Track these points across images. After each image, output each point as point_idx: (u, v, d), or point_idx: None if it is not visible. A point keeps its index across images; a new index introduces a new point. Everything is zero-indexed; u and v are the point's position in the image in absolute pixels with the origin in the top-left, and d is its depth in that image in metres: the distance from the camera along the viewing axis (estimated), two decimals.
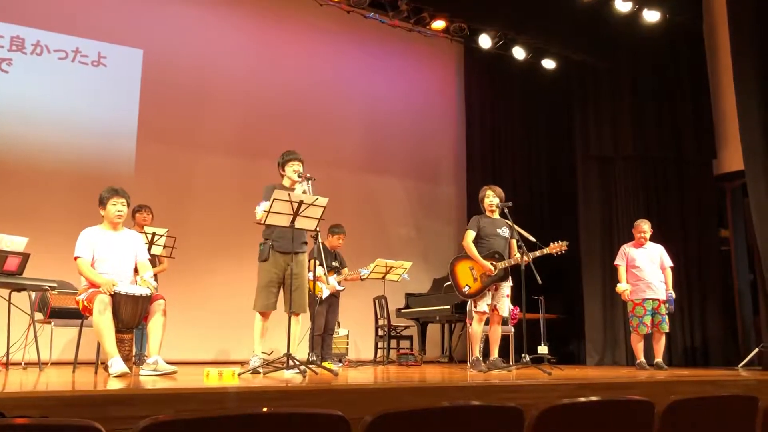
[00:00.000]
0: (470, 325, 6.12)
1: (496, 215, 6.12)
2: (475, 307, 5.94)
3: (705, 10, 8.91)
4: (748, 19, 7.51)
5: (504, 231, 6.04)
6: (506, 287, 5.98)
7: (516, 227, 6.05)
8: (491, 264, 5.85)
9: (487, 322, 6.05)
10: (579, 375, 5.48)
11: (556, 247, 5.94)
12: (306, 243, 5.31)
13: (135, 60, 8.13)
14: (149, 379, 4.06)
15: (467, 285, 5.92)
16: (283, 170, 5.33)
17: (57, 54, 7.74)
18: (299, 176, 5.19)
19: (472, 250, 5.94)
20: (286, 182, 5.30)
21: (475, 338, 6.00)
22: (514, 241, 6.05)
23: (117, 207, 4.73)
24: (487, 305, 5.89)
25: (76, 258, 4.63)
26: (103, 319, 4.32)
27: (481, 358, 5.92)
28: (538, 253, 5.90)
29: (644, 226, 6.95)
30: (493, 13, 8.44)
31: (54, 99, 7.65)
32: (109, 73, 7.98)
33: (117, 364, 4.23)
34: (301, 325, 5.36)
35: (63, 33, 7.77)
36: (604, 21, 8.46)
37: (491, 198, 6.10)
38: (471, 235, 6.00)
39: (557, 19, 8.56)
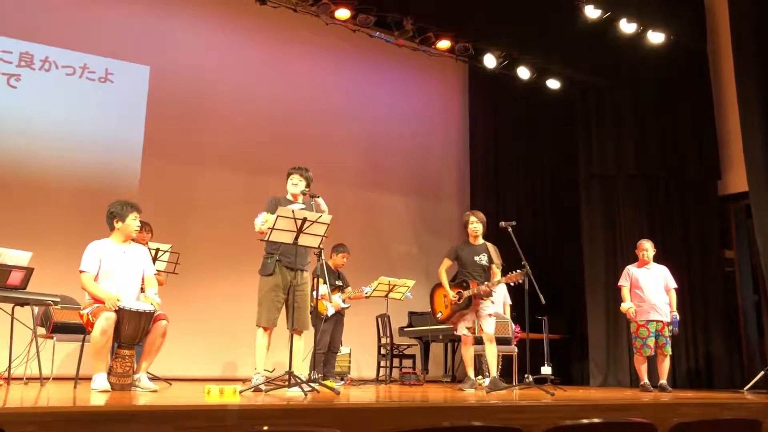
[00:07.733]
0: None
1: (480, 240, 6.21)
2: (456, 331, 6.19)
3: (709, 32, 8.94)
4: (751, 43, 7.56)
5: (482, 258, 6.12)
6: (487, 307, 6.04)
7: (493, 254, 6.10)
8: (458, 292, 6.04)
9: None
10: (582, 396, 5.44)
11: (513, 278, 5.86)
12: (309, 262, 5.31)
13: (142, 76, 8.19)
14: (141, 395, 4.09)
15: (440, 311, 6.29)
16: (286, 182, 5.39)
17: (65, 70, 7.81)
18: (303, 194, 5.23)
19: (442, 278, 6.20)
20: (289, 195, 5.33)
21: (465, 360, 6.22)
22: (494, 266, 6.08)
23: (136, 222, 4.83)
24: (467, 328, 6.08)
25: (81, 271, 4.63)
26: (103, 339, 4.33)
27: (472, 378, 6.10)
28: (496, 281, 5.97)
29: (646, 245, 6.93)
30: (498, 33, 8.50)
31: (61, 114, 7.70)
32: (116, 89, 8.04)
33: (100, 380, 4.29)
34: (305, 342, 5.34)
35: (71, 49, 7.84)
36: (608, 41, 8.50)
37: (475, 224, 6.17)
38: (446, 263, 6.25)
39: (561, 39, 8.60)
